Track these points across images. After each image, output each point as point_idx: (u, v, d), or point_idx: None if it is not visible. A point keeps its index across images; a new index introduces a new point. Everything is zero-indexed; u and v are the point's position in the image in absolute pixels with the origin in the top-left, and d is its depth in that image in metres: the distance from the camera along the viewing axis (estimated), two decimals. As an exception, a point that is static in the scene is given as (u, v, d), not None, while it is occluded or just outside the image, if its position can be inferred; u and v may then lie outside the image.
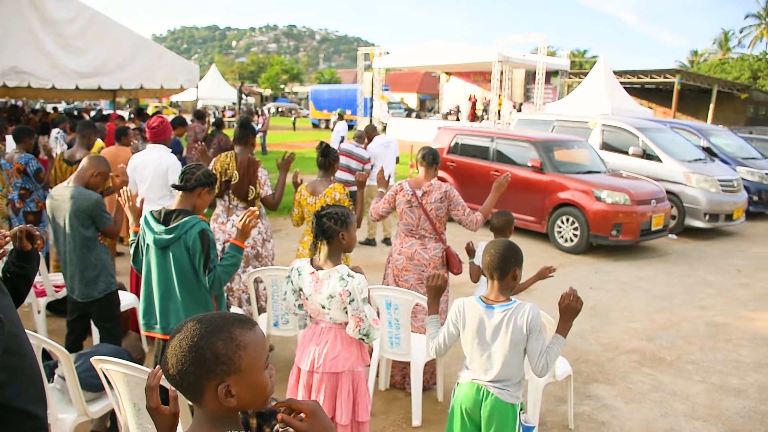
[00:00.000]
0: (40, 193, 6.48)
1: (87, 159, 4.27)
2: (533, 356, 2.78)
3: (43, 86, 11.06)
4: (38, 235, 2.30)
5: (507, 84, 26.98)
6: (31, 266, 2.33)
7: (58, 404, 3.39)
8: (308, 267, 3.16)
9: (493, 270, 2.86)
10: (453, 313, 2.96)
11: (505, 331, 2.79)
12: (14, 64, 10.24)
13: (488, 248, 2.92)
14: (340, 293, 3.01)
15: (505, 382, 2.83)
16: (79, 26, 10.95)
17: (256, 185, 5.11)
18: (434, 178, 4.76)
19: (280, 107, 55.05)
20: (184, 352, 1.38)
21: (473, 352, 2.89)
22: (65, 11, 10.75)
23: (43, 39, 10.49)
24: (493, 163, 10.50)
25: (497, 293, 2.88)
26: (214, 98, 39.37)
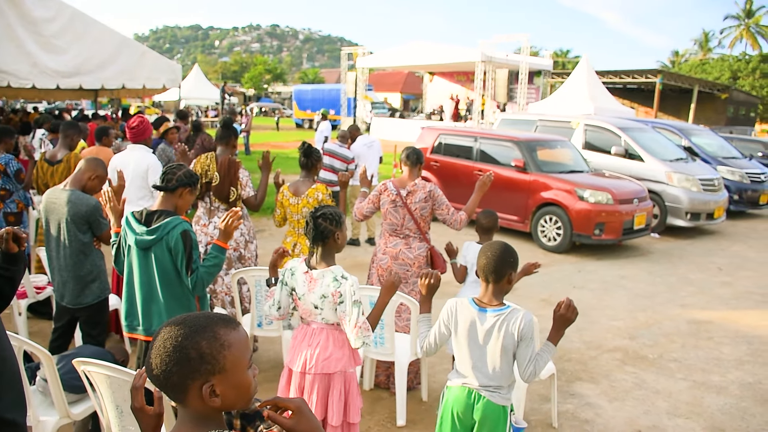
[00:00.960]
0: (21, 194, 6.39)
1: (84, 161, 4.19)
2: (522, 362, 2.77)
3: (23, 86, 10.94)
4: (24, 238, 2.27)
5: (490, 84, 27.09)
6: (18, 268, 2.30)
7: (40, 406, 3.35)
8: (302, 266, 3.14)
9: (488, 273, 2.84)
10: (445, 313, 2.95)
11: (497, 336, 2.77)
12: (-7, 63, 10.13)
13: (484, 251, 2.89)
14: (333, 294, 3.00)
15: (497, 385, 2.82)
16: (59, 25, 10.85)
17: (237, 186, 5.07)
18: (418, 177, 4.76)
19: (264, 107, 54.91)
20: (168, 351, 1.37)
21: (464, 355, 2.88)
22: (45, 10, 10.64)
23: (22, 38, 10.37)
24: (476, 163, 10.53)
25: (491, 296, 2.85)
26: (197, 98, 39.12)
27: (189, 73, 37.83)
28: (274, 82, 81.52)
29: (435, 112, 32.48)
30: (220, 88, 37.59)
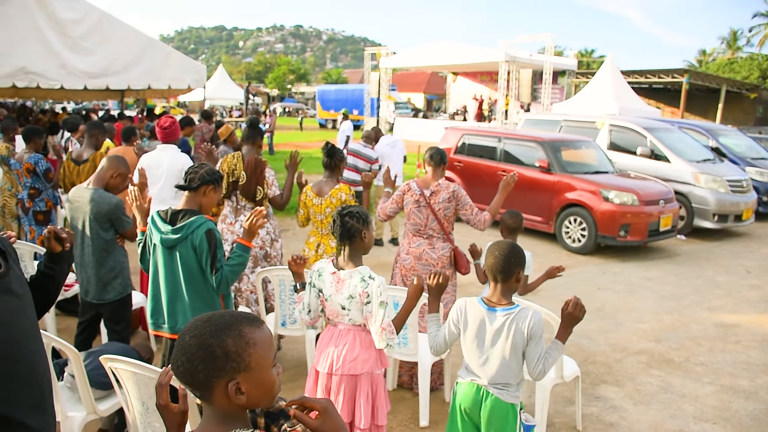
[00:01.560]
0: (50, 192, 6.50)
1: (106, 160, 4.24)
2: (531, 361, 2.78)
3: (51, 86, 11.13)
4: (66, 238, 2.26)
5: (514, 84, 26.94)
6: (60, 268, 2.30)
7: (68, 402, 3.40)
8: (330, 267, 3.13)
9: (496, 272, 2.85)
10: (454, 312, 2.96)
11: (506, 336, 2.78)
12: (23, 64, 10.31)
13: (491, 250, 2.91)
14: (360, 294, 2.99)
15: (505, 383, 2.83)
16: (86, 27, 11.02)
17: (264, 185, 5.10)
18: (442, 178, 4.75)
19: (287, 107, 55.14)
20: (194, 349, 1.39)
21: (473, 353, 2.89)
22: (73, 12, 10.82)
23: (51, 39, 10.56)
24: (500, 163, 10.48)
25: (500, 296, 2.86)
26: (221, 98, 39.38)
27: (213, 73, 38.15)
28: (297, 82, 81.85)
29: (458, 113, 32.38)
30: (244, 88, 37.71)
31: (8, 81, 10.47)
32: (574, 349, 5.55)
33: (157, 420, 2.97)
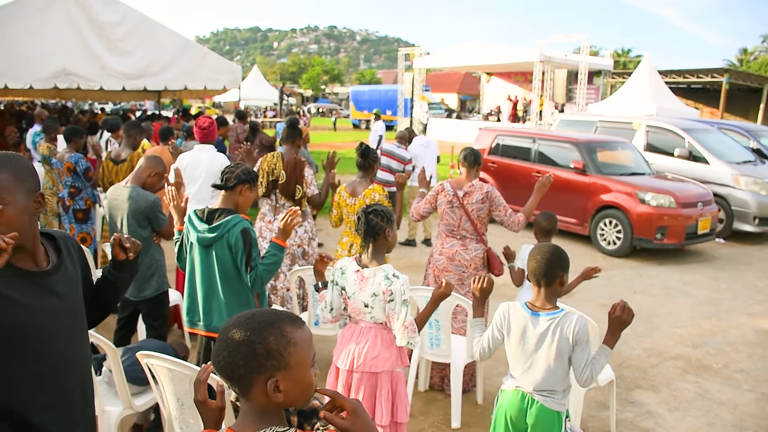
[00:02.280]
0: (89, 191, 6.62)
1: (144, 159, 4.33)
2: (578, 367, 2.73)
3: (91, 87, 11.35)
4: (129, 247, 2.23)
5: (548, 84, 26.70)
6: (122, 276, 2.29)
7: (105, 396, 3.47)
8: (353, 265, 3.15)
9: (539, 276, 2.81)
10: (498, 317, 2.92)
11: (551, 341, 2.74)
12: (65, 66, 10.54)
13: (534, 254, 2.86)
14: (383, 292, 3.00)
15: (551, 390, 2.78)
16: (125, 29, 11.20)
17: (303, 184, 5.16)
18: (476, 178, 4.74)
19: (321, 108, 55.42)
20: (236, 345, 1.41)
21: (517, 359, 2.85)
22: (112, 14, 11.01)
23: (91, 42, 10.77)
24: (534, 164, 10.39)
25: (544, 300, 2.82)
26: (256, 99, 39.76)
27: (248, 74, 38.48)
28: (331, 82, 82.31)
29: (492, 113, 32.21)
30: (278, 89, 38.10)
31: (50, 82, 10.71)
32: (609, 352, 5.48)
33: (191, 416, 3.01)
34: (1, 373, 1.83)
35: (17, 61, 10.18)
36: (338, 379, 3.20)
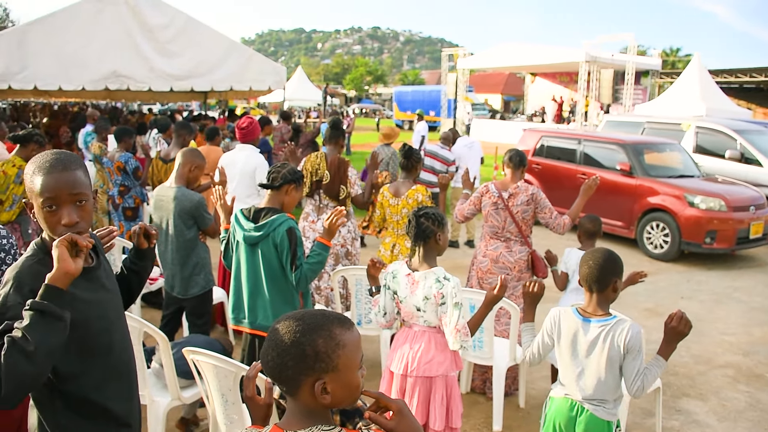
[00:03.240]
0: (138, 189, 6.78)
1: (180, 156, 4.37)
2: (629, 377, 2.66)
3: (140, 89, 11.61)
4: (154, 235, 2.35)
5: (594, 85, 26.32)
6: (145, 264, 2.39)
7: (154, 387, 3.55)
8: (404, 269, 3.15)
9: (591, 282, 2.75)
10: (548, 323, 2.87)
11: (602, 348, 2.68)
12: (115, 68, 10.81)
13: (586, 259, 2.80)
14: (435, 295, 2.99)
15: (602, 400, 2.72)
16: (173, 31, 11.42)
17: (347, 184, 5.19)
18: (521, 180, 4.71)
19: (364, 108, 55.60)
20: (285, 347, 1.42)
21: (567, 367, 2.80)
22: (161, 17, 11.23)
23: (141, 44, 11.01)
24: (579, 166, 10.26)
25: (595, 306, 2.76)
26: (300, 99, 40.08)
27: (292, 75, 38.86)
28: (374, 83, 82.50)
29: (537, 114, 31.89)
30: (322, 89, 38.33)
31: (102, 84, 11.00)
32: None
33: (235, 412, 3.05)
34: (76, 366, 1.92)
35: (71, 63, 10.50)
36: (392, 384, 3.20)
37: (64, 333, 1.78)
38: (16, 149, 5.80)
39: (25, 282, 1.84)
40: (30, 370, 1.69)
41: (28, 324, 1.68)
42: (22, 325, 1.68)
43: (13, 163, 5.59)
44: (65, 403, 1.83)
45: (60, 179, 1.88)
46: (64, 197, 1.89)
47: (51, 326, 1.72)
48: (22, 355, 1.66)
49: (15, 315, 1.76)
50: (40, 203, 1.87)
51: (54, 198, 1.87)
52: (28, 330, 1.68)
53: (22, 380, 1.68)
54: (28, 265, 1.89)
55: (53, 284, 1.74)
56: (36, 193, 1.87)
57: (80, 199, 1.92)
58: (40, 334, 1.69)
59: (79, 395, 1.93)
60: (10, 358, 1.65)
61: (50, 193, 1.87)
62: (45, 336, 1.70)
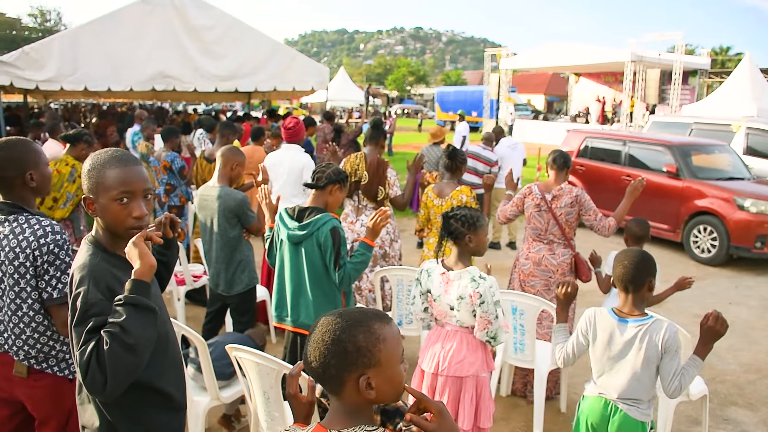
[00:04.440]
0: (183, 188, 6.90)
1: (220, 155, 4.42)
2: (666, 377, 2.64)
3: (186, 89, 11.80)
4: (179, 223, 2.43)
5: (640, 85, 25.84)
6: (172, 253, 2.45)
7: (194, 388, 3.61)
8: (439, 268, 3.16)
9: (626, 282, 2.74)
10: (583, 323, 2.87)
11: (638, 348, 2.66)
12: (162, 69, 11.03)
13: (620, 259, 2.79)
14: (471, 295, 2.99)
15: (636, 399, 2.71)
16: (218, 33, 11.58)
17: (386, 185, 5.19)
18: (565, 181, 4.65)
19: (406, 109, 55.59)
20: (326, 344, 1.43)
21: (602, 366, 2.79)
22: (207, 19, 11.40)
23: (186, 45, 11.21)
24: (624, 168, 10.09)
25: (631, 306, 2.75)
26: (342, 100, 40.29)
27: (335, 75, 39.04)
28: (416, 84, 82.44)
29: (580, 115, 31.47)
30: (364, 90, 38.48)
31: (149, 84, 11.23)
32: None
33: (276, 410, 3.08)
34: (154, 353, 1.99)
35: (120, 65, 10.75)
36: (423, 382, 3.21)
37: (156, 325, 1.89)
38: (67, 148, 5.96)
39: (99, 279, 1.92)
40: (132, 363, 1.79)
41: (125, 318, 1.77)
42: (119, 320, 1.77)
43: (66, 162, 5.74)
44: (131, 391, 1.90)
45: (134, 172, 1.99)
46: (138, 190, 1.99)
47: (146, 319, 1.82)
48: (125, 348, 1.75)
49: (99, 311, 1.85)
50: (112, 196, 1.96)
51: (128, 191, 1.97)
52: (126, 324, 1.77)
53: (126, 372, 1.79)
54: (95, 263, 1.96)
55: (140, 279, 1.84)
56: (107, 186, 1.95)
57: (148, 193, 2.03)
58: (138, 326, 1.79)
59: (144, 383, 2.01)
60: (114, 351, 1.74)
61: (125, 187, 1.96)
62: (142, 328, 1.80)
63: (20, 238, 2.41)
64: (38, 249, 2.40)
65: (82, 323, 1.84)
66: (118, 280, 1.96)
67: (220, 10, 11.76)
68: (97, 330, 1.81)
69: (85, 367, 1.77)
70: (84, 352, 1.77)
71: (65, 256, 2.45)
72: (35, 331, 2.47)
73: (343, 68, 45.81)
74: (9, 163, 2.50)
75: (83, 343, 1.80)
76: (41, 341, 2.49)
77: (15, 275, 2.41)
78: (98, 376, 1.76)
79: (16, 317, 2.46)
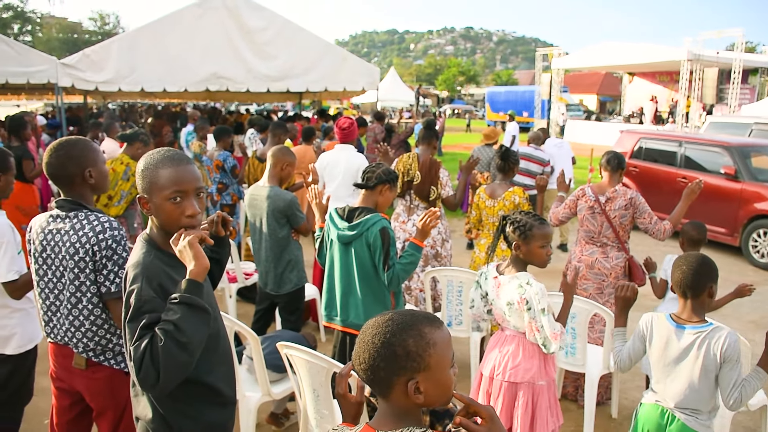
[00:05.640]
0: (235, 187, 7.01)
1: (271, 156, 4.46)
2: (725, 388, 2.54)
3: (239, 90, 12.00)
4: (231, 222, 2.47)
5: (697, 84, 25.17)
6: (224, 251, 2.49)
7: (246, 383, 3.67)
8: (493, 271, 3.15)
9: (685, 287, 2.66)
10: (641, 328, 2.80)
11: (696, 355, 2.58)
12: (216, 70, 11.25)
13: (679, 264, 2.71)
14: (518, 301, 2.96)
15: (695, 410, 2.62)
16: (271, 34, 11.74)
17: (438, 186, 5.18)
18: (619, 183, 4.57)
19: (456, 109, 55.37)
20: (376, 347, 1.43)
21: (658, 373, 2.72)
22: (260, 20, 11.57)
23: (240, 46, 11.40)
24: (680, 170, 9.83)
25: (690, 312, 2.67)
26: (393, 100, 40.35)
27: (385, 75, 39.10)
28: (467, 84, 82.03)
29: (634, 115, 30.82)
30: (414, 90, 38.46)
31: (203, 85, 11.46)
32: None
33: (326, 407, 3.10)
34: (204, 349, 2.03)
35: (175, 66, 11.02)
36: (480, 385, 3.20)
37: (209, 324, 1.93)
38: (124, 147, 6.13)
39: (152, 277, 1.96)
40: (185, 360, 1.84)
41: (180, 317, 1.82)
42: (173, 318, 1.82)
43: (121, 161, 5.89)
44: (183, 386, 1.95)
45: (187, 172, 2.03)
46: (190, 189, 2.03)
47: (199, 318, 1.87)
48: (178, 346, 1.80)
49: (152, 308, 1.90)
50: (165, 195, 2.00)
51: (181, 190, 2.00)
52: (180, 322, 1.82)
53: (178, 369, 1.84)
54: (149, 261, 2.00)
55: (194, 279, 1.88)
56: (160, 186, 2.00)
57: (200, 192, 2.07)
58: (191, 325, 1.84)
59: (196, 379, 2.05)
60: (167, 348, 1.79)
61: (178, 186, 2.00)
62: (195, 327, 1.85)
63: (80, 234, 2.49)
64: (97, 244, 2.47)
65: (135, 319, 1.89)
66: (170, 278, 2.01)
67: (272, 12, 11.92)
68: (150, 327, 1.86)
69: (138, 362, 1.81)
70: (138, 348, 1.82)
71: (122, 251, 2.52)
72: (93, 324, 2.55)
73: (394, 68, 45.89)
74: (69, 161, 2.59)
75: (137, 339, 1.85)
76: (99, 334, 2.57)
77: (75, 270, 2.49)
78: (151, 372, 1.80)
79: (76, 310, 2.54)
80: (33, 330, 3.27)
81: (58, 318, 2.62)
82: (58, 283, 2.59)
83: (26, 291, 3.10)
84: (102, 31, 68.07)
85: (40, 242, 2.60)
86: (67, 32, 70.81)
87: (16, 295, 3.07)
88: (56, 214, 2.59)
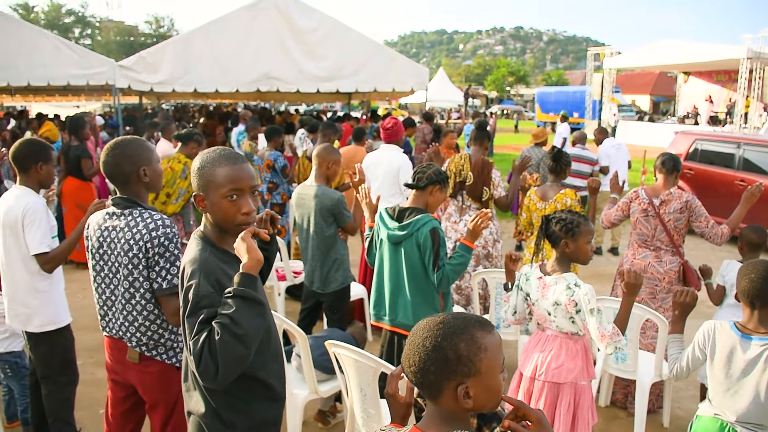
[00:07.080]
0: (285, 187, 7.09)
1: (315, 155, 4.49)
2: None
3: (289, 90, 12.16)
4: (278, 220, 2.51)
5: (756, 83, 24.37)
6: (272, 249, 2.51)
7: (294, 381, 3.71)
8: (536, 272, 3.12)
9: (753, 297, 2.55)
10: (701, 336, 2.70)
11: (763, 368, 2.47)
12: (267, 71, 11.43)
13: (746, 272, 2.60)
14: (566, 303, 2.92)
15: (758, 425, 2.51)
16: (321, 34, 11.85)
17: (490, 186, 5.16)
18: (674, 186, 4.46)
19: (505, 109, 54.94)
20: (427, 351, 1.42)
21: (719, 384, 2.61)
22: (310, 21, 11.70)
23: (290, 47, 11.55)
24: (738, 172, 9.53)
25: (757, 323, 2.56)
26: (441, 100, 40.22)
27: (434, 76, 39.02)
28: (516, 84, 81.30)
29: (689, 115, 30.06)
30: (463, 90, 38.28)
31: (254, 86, 11.65)
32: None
33: (372, 407, 3.12)
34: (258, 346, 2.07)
35: (227, 67, 11.24)
36: (520, 386, 3.17)
37: (265, 317, 1.98)
38: (179, 147, 6.26)
39: (209, 273, 2.00)
40: (242, 353, 1.88)
41: (235, 310, 1.86)
42: (229, 311, 1.86)
43: (178, 160, 6.03)
44: (237, 381, 1.98)
45: (242, 170, 2.07)
46: (246, 187, 2.07)
47: (255, 310, 1.91)
48: (235, 339, 1.84)
49: (209, 303, 1.94)
50: (222, 193, 2.04)
51: (237, 188, 2.05)
52: (236, 315, 1.85)
53: (236, 362, 1.88)
54: (205, 257, 2.05)
55: (248, 272, 1.92)
56: (217, 184, 2.04)
57: (255, 190, 2.12)
58: (247, 317, 1.87)
59: (249, 374, 2.08)
60: (225, 341, 1.83)
61: (235, 184, 2.04)
62: (251, 319, 1.89)
63: (134, 231, 2.56)
64: (150, 241, 2.54)
65: (194, 314, 1.93)
66: (225, 274, 2.04)
67: (322, 13, 12.03)
68: (209, 321, 1.90)
69: (198, 356, 1.86)
70: (197, 342, 1.86)
71: (174, 248, 2.58)
72: (146, 319, 2.62)
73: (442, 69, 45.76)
74: (125, 159, 2.66)
75: (196, 333, 1.89)
76: (152, 329, 2.63)
77: (129, 266, 2.56)
78: (210, 365, 1.84)
79: (130, 305, 2.61)
80: (56, 313, 3.44)
81: (113, 313, 2.70)
82: (113, 279, 2.66)
83: (57, 264, 3.33)
84: (157, 33, 69.69)
85: (96, 239, 2.68)
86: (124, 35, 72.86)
87: (47, 268, 3.29)
88: (112, 212, 2.67)
